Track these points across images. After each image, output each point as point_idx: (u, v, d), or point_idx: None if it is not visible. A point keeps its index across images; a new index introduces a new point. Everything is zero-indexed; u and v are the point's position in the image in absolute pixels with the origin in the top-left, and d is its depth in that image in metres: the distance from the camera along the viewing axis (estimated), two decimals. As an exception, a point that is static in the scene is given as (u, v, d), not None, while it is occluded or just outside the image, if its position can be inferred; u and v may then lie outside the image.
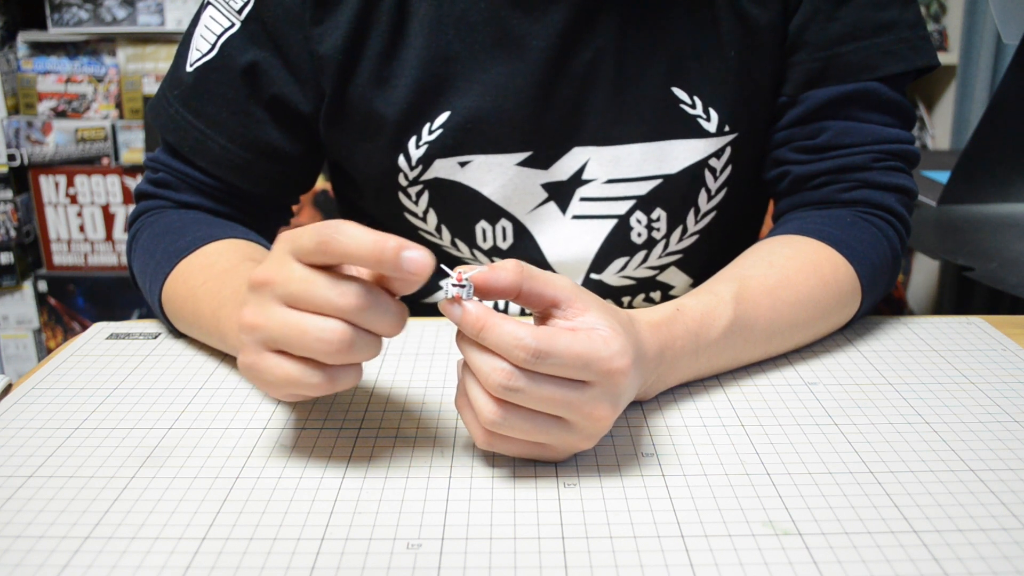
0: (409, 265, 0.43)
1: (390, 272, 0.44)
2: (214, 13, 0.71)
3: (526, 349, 0.44)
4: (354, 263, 0.44)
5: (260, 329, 0.46)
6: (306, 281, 0.45)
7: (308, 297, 0.45)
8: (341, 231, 0.44)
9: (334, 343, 0.44)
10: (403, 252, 0.43)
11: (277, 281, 0.46)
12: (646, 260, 0.79)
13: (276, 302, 0.46)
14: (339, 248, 0.44)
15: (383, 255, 0.43)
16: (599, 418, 0.47)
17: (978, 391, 0.59)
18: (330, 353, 0.45)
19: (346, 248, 0.43)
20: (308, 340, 0.45)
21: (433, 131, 0.71)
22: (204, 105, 0.72)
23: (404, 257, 0.43)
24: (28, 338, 2.16)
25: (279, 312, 0.45)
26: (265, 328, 0.46)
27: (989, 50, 2.04)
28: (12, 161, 2.03)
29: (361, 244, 0.43)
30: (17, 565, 0.42)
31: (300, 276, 0.45)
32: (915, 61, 0.71)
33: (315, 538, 0.44)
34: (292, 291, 0.45)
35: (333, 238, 0.44)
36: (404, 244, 0.43)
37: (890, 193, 0.72)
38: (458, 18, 0.69)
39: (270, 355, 0.46)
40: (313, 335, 0.44)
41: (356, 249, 0.43)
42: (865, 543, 0.43)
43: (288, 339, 0.45)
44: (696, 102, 0.72)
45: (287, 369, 0.46)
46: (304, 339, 0.45)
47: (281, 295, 0.46)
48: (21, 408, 0.58)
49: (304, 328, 0.45)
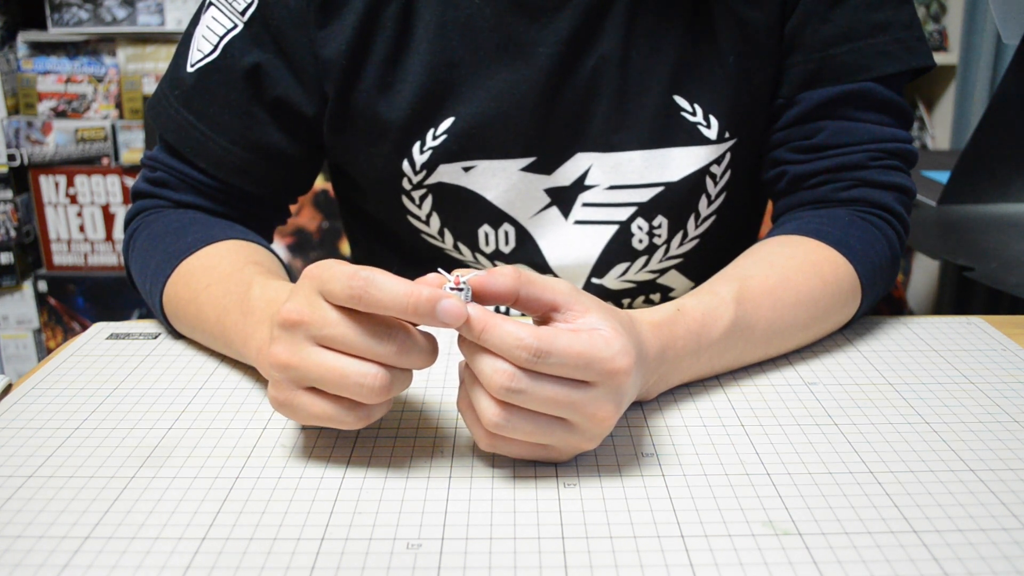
0: (445, 316, 0.44)
1: (427, 323, 0.45)
2: (216, 14, 0.71)
3: (527, 349, 0.44)
4: (389, 314, 0.45)
5: (295, 369, 0.47)
6: (344, 326, 0.45)
7: (347, 343, 0.46)
8: (375, 284, 0.44)
9: (375, 388, 0.46)
10: (439, 305, 0.44)
11: (311, 323, 0.46)
12: (647, 265, 0.79)
13: (310, 343, 0.46)
14: (372, 301, 0.44)
15: (418, 308, 0.44)
16: (602, 419, 0.47)
17: (978, 391, 0.59)
18: (370, 396, 0.46)
19: (380, 302, 0.44)
20: (348, 384, 0.46)
21: (437, 136, 0.72)
22: (205, 106, 0.71)
23: (439, 309, 0.44)
24: (28, 338, 2.16)
25: (315, 353, 0.46)
26: (301, 369, 0.46)
27: (989, 50, 2.04)
28: (12, 161, 2.03)
29: (395, 297, 0.44)
30: (17, 565, 0.42)
31: (336, 320, 0.46)
32: (910, 61, 0.71)
33: (315, 538, 0.44)
34: (329, 335, 0.46)
35: (367, 292, 0.44)
36: (437, 296, 0.44)
37: (888, 192, 0.72)
38: (463, 24, 0.69)
39: (304, 394, 0.47)
40: (353, 380, 0.45)
41: (391, 303, 0.44)
42: (865, 543, 0.43)
43: (326, 382, 0.46)
44: (697, 110, 0.72)
45: (323, 408, 0.47)
46: (344, 383, 0.46)
47: (316, 336, 0.46)
48: (21, 408, 0.58)
49: (344, 372, 0.45)
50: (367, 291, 0.44)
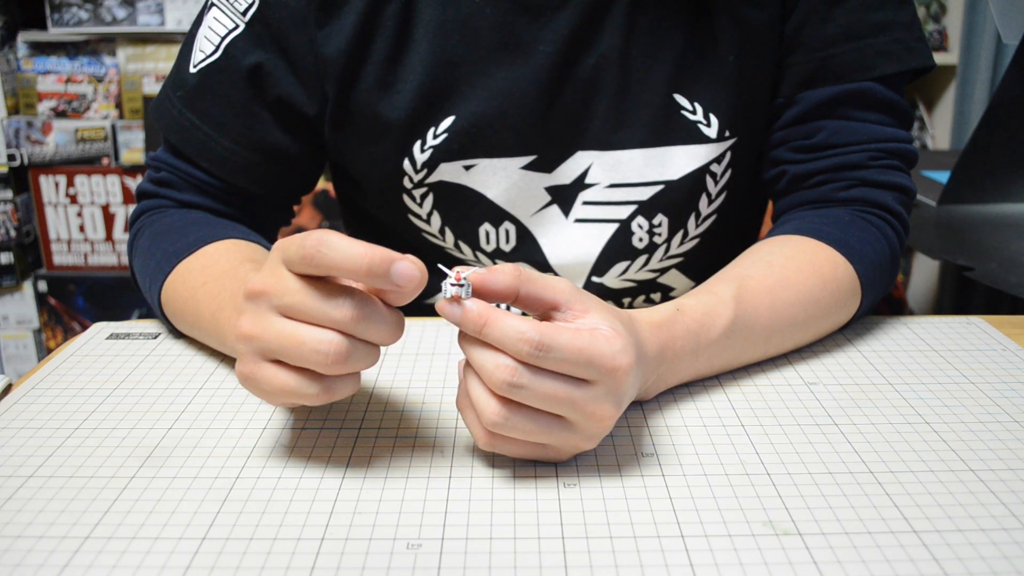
0: (399, 278, 0.44)
1: (381, 285, 0.44)
2: (218, 14, 0.71)
3: (529, 342, 0.44)
4: (342, 276, 0.44)
5: (257, 339, 0.46)
6: (301, 293, 0.45)
7: (303, 309, 0.45)
8: (326, 244, 0.43)
9: (331, 355, 0.45)
10: (393, 265, 0.43)
11: (273, 292, 0.46)
12: (647, 264, 0.79)
13: (272, 312, 0.46)
14: (325, 261, 0.44)
15: (372, 268, 0.43)
16: (601, 417, 0.47)
17: (978, 391, 0.59)
18: (327, 364, 0.45)
19: (332, 261, 0.44)
20: (305, 351, 0.45)
21: (438, 135, 0.72)
22: (208, 106, 0.72)
23: (394, 270, 0.43)
24: (28, 338, 2.16)
25: (276, 323, 0.46)
26: (262, 338, 0.46)
27: (989, 50, 2.04)
28: (12, 161, 2.03)
29: (349, 257, 0.43)
30: (17, 565, 0.42)
31: (295, 288, 0.45)
32: (909, 62, 0.71)
33: (315, 538, 0.44)
34: (288, 302, 0.45)
35: (319, 251, 0.43)
36: (392, 256, 0.43)
37: (888, 191, 0.72)
38: (463, 23, 0.70)
39: (268, 365, 0.47)
40: (310, 347, 0.45)
41: (343, 262, 0.43)
42: (865, 543, 0.43)
43: (285, 350, 0.45)
44: (697, 108, 0.73)
45: (284, 380, 0.46)
46: (301, 350, 0.45)
47: (277, 305, 0.46)
48: (21, 408, 0.58)
49: (301, 339, 0.45)
50: (319, 250, 0.43)
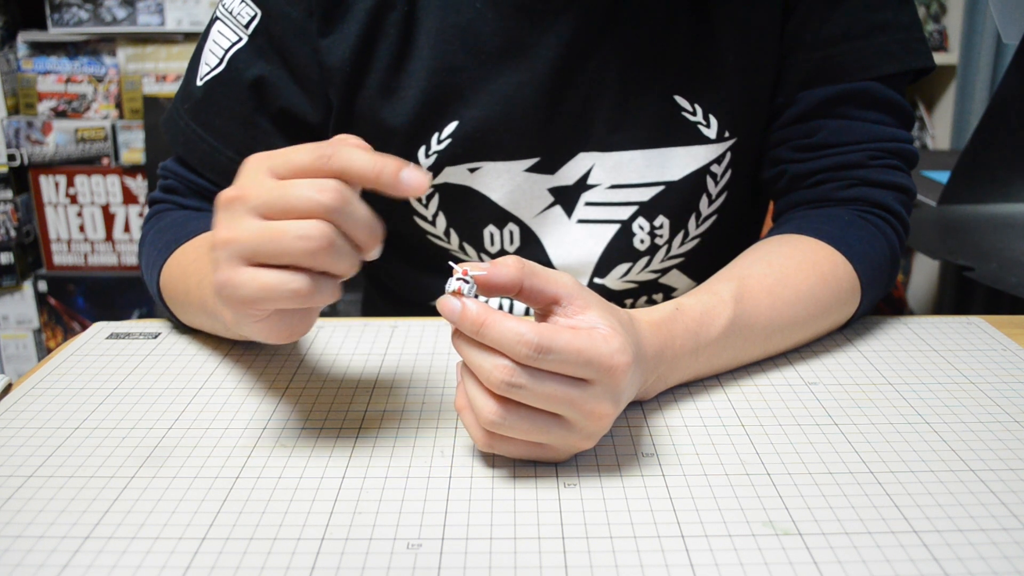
0: (409, 181, 0.45)
1: (388, 190, 0.45)
2: (222, 28, 0.72)
3: (528, 344, 0.44)
4: (353, 180, 0.45)
5: (234, 242, 0.45)
6: (282, 186, 0.44)
7: (286, 200, 0.44)
8: (344, 147, 0.44)
9: (315, 238, 0.43)
10: (403, 170, 0.45)
11: (250, 194, 0.45)
12: (648, 265, 0.79)
13: (250, 214, 0.45)
14: (339, 164, 0.44)
15: (383, 170, 0.44)
16: (600, 416, 0.47)
17: (978, 391, 0.59)
18: (312, 252, 0.44)
19: (348, 164, 0.44)
20: (288, 240, 0.43)
21: (442, 141, 0.72)
22: (213, 118, 0.72)
23: (403, 175, 0.45)
24: (28, 338, 2.16)
25: (255, 223, 0.45)
26: (240, 239, 0.44)
27: (989, 50, 2.04)
28: (12, 161, 2.03)
29: (363, 160, 0.44)
30: (17, 565, 0.42)
31: (275, 184, 0.45)
32: (910, 62, 0.71)
33: (315, 538, 0.44)
34: (268, 199, 0.44)
35: (337, 153, 0.44)
36: (403, 162, 0.45)
37: (888, 191, 0.72)
38: (464, 28, 0.70)
39: (246, 267, 0.45)
40: (294, 234, 0.43)
41: (359, 165, 0.44)
42: (865, 543, 0.43)
43: (267, 244, 0.44)
44: (697, 109, 0.73)
45: (265, 278, 0.44)
46: (284, 239, 0.44)
47: (255, 206, 0.45)
48: (21, 408, 0.58)
49: (284, 229, 0.44)
50: (338, 152, 0.44)
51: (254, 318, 0.47)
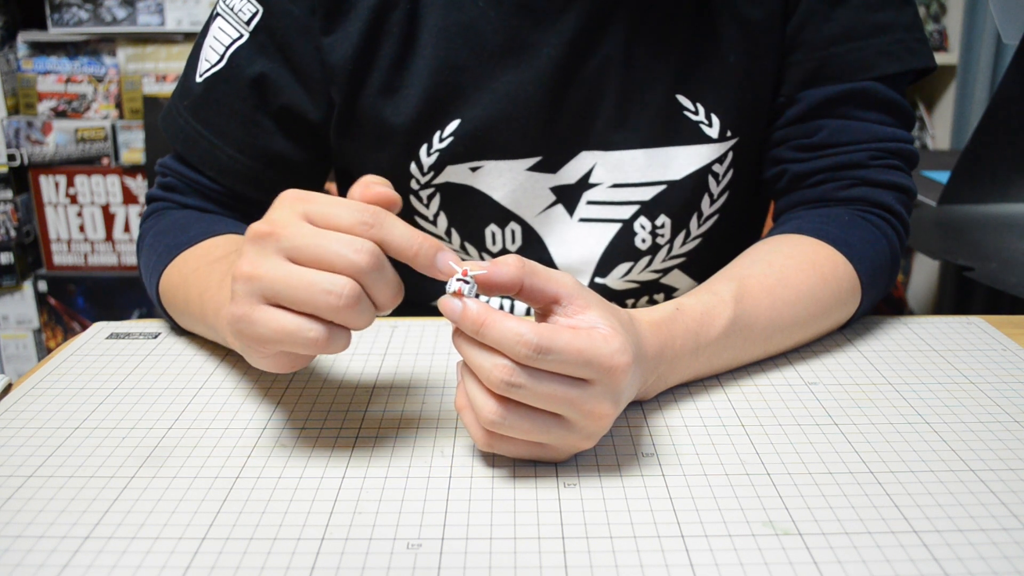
0: (443, 266, 0.46)
1: (423, 269, 0.46)
2: (223, 24, 0.72)
3: (528, 345, 0.44)
4: (390, 252, 0.45)
5: (259, 280, 0.45)
6: (319, 235, 0.44)
7: (321, 251, 0.44)
8: (387, 218, 0.45)
9: (344, 296, 0.44)
10: (438, 253, 0.45)
11: (283, 234, 0.45)
12: (650, 264, 0.79)
13: (278, 255, 0.45)
14: (380, 236, 0.44)
15: (420, 251, 0.45)
16: (599, 416, 0.47)
17: (978, 391, 0.59)
18: (337, 308, 0.44)
19: (389, 238, 0.45)
20: (315, 292, 0.44)
21: (444, 139, 0.72)
22: (212, 115, 0.72)
23: (439, 258, 0.46)
24: (28, 338, 2.16)
25: (282, 264, 0.44)
26: (265, 279, 0.44)
27: (989, 50, 2.04)
28: (12, 161, 2.03)
29: (403, 238, 0.45)
30: (17, 565, 0.42)
31: (309, 231, 0.45)
32: (911, 62, 0.71)
33: (315, 538, 0.44)
34: (300, 244, 0.44)
35: (380, 224, 0.44)
36: (438, 244, 0.46)
37: (888, 191, 0.72)
38: (467, 27, 0.70)
39: (266, 307, 0.45)
40: (322, 287, 0.43)
41: (399, 243, 0.45)
42: (865, 543, 0.43)
43: (292, 291, 0.44)
44: (699, 108, 0.73)
45: (284, 321, 0.44)
46: (311, 292, 0.44)
47: (286, 248, 0.45)
48: (21, 408, 0.58)
49: (312, 281, 0.44)
50: (384, 223, 0.45)
51: (261, 354, 0.47)
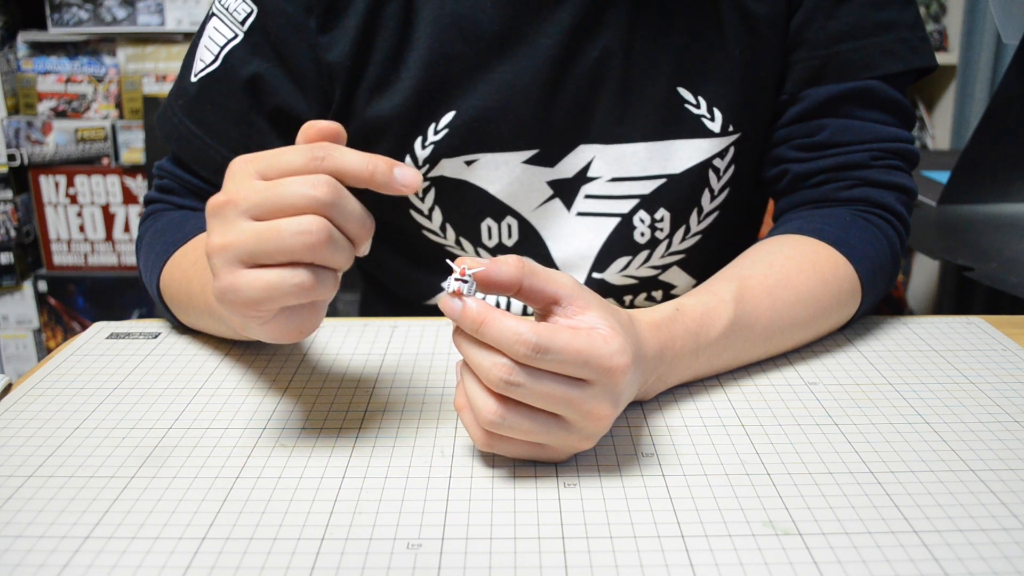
0: (403, 179, 0.46)
1: (382, 188, 0.46)
2: (218, 24, 0.72)
3: (526, 344, 0.44)
4: (347, 180, 0.45)
5: (231, 246, 0.45)
6: (274, 185, 0.44)
7: (280, 198, 0.44)
8: (336, 148, 0.45)
9: (314, 232, 0.44)
10: (395, 169, 0.46)
11: (240, 197, 0.45)
12: (648, 260, 0.79)
13: (243, 217, 0.45)
14: (333, 164, 0.44)
15: (376, 169, 0.45)
16: (599, 417, 0.47)
17: (978, 391, 0.59)
18: (311, 246, 0.44)
19: (341, 164, 0.44)
20: (286, 237, 0.44)
21: (439, 131, 0.72)
22: (207, 116, 0.72)
23: (397, 173, 0.46)
24: (28, 338, 2.16)
25: (249, 225, 0.44)
26: (236, 243, 0.44)
27: (989, 50, 2.04)
28: (12, 161, 2.03)
29: (356, 160, 0.45)
30: (17, 565, 0.42)
31: (265, 185, 0.45)
32: (913, 61, 0.71)
33: (315, 538, 0.44)
34: (259, 200, 0.44)
35: (329, 155, 0.44)
36: (392, 161, 0.46)
37: (889, 192, 0.72)
38: (462, 17, 0.69)
39: (247, 270, 0.45)
40: (291, 230, 0.44)
41: (353, 166, 0.45)
42: (865, 543, 0.43)
43: (265, 244, 0.44)
44: (701, 102, 0.72)
45: (267, 278, 0.44)
46: (282, 237, 0.44)
47: (247, 208, 0.45)
48: (21, 408, 0.58)
49: (280, 227, 0.44)
50: (330, 155, 0.44)
51: (260, 320, 0.47)
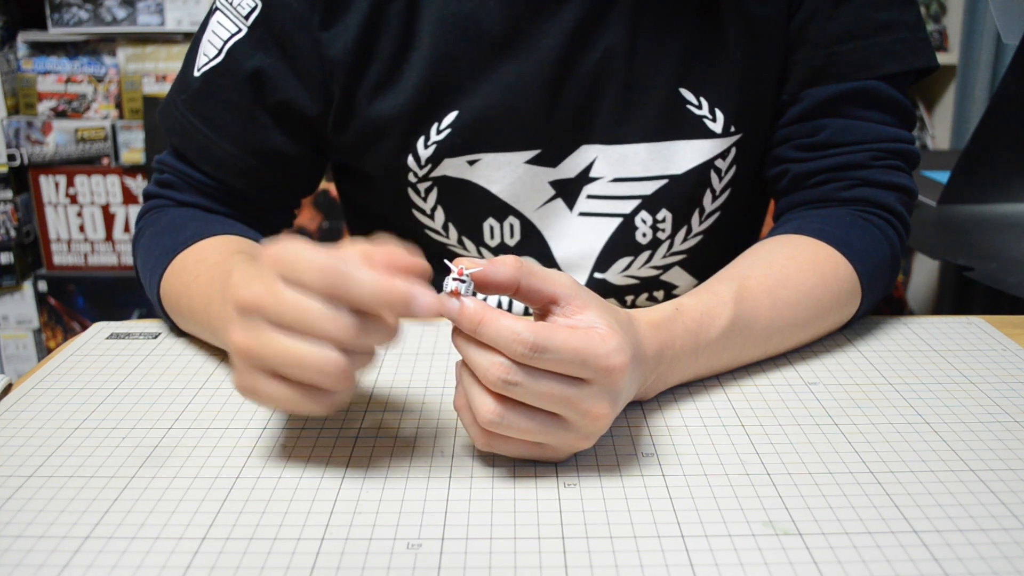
0: (419, 310, 0.44)
1: (401, 316, 0.45)
2: (221, 19, 0.72)
3: (524, 343, 0.44)
4: (364, 309, 0.45)
5: (255, 355, 0.46)
6: (300, 309, 0.45)
7: (303, 326, 0.45)
8: (353, 281, 0.44)
9: (332, 374, 0.45)
10: (413, 300, 0.44)
11: (267, 306, 0.45)
12: (650, 260, 0.79)
13: (268, 327, 0.46)
14: (348, 299, 0.44)
15: (394, 301, 0.44)
16: (597, 416, 0.47)
17: (978, 391, 0.59)
18: (329, 384, 0.45)
19: (359, 297, 0.44)
20: (306, 370, 0.45)
21: (441, 131, 0.72)
22: (210, 110, 0.72)
23: (415, 304, 0.44)
24: (28, 338, 2.16)
25: (273, 338, 0.45)
26: (260, 355, 0.46)
27: (989, 50, 2.04)
28: (12, 161, 2.03)
29: (371, 292, 0.44)
30: (17, 565, 0.42)
31: (292, 301, 0.45)
32: (914, 62, 0.71)
33: (315, 538, 0.44)
34: (285, 318, 0.45)
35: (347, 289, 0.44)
36: (411, 291, 0.44)
37: (890, 192, 0.72)
38: (466, 17, 0.69)
39: (266, 379, 0.46)
40: (311, 366, 0.44)
41: (367, 297, 0.44)
42: (865, 543, 0.43)
43: (287, 368, 0.45)
44: (703, 103, 0.72)
45: (285, 394, 0.46)
46: (302, 369, 0.45)
47: (273, 320, 0.45)
48: (21, 408, 0.58)
49: (301, 358, 0.45)
50: (347, 289, 0.44)
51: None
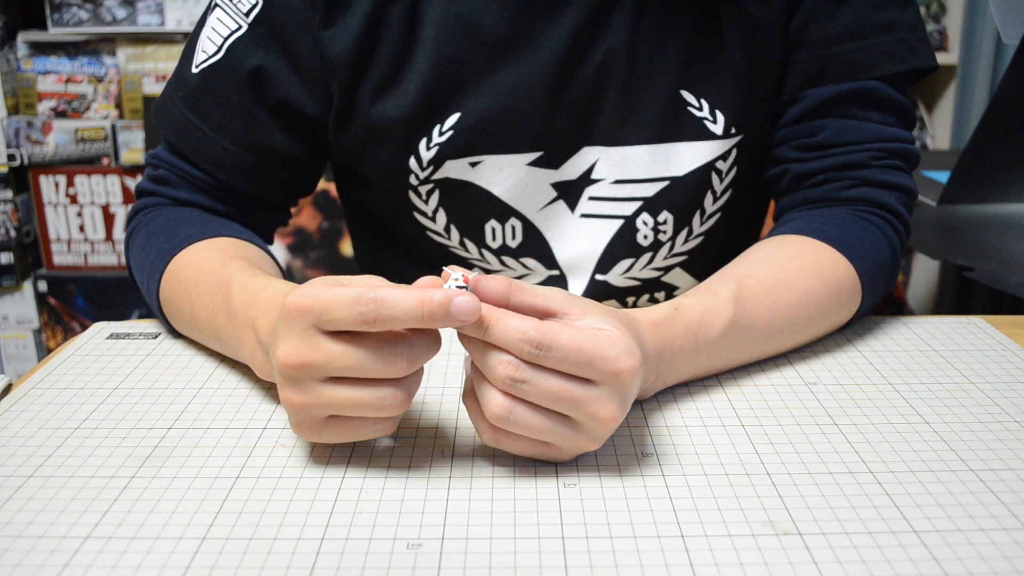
0: (460, 315, 0.45)
1: (441, 326, 0.45)
2: (221, 15, 0.71)
3: (530, 342, 0.45)
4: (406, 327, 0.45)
5: (313, 408, 0.47)
6: (348, 358, 0.45)
7: (356, 373, 0.46)
8: (385, 304, 0.44)
9: (392, 406, 0.47)
10: (452, 306, 0.44)
11: (315, 362, 0.46)
12: (651, 261, 0.79)
13: (320, 383, 0.46)
14: (386, 320, 0.44)
15: (433, 315, 0.44)
16: (605, 419, 0.47)
17: (978, 391, 0.59)
18: (392, 412, 0.47)
19: (394, 318, 0.44)
20: (370, 411, 0.47)
21: (443, 133, 0.72)
22: (209, 107, 0.72)
23: (454, 310, 0.44)
24: (28, 338, 2.16)
25: (329, 392, 0.46)
26: (318, 407, 0.47)
27: (989, 50, 2.04)
28: (12, 161, 2.03)
29: (408, 310, 0.44)
30: (17, 565, 0.42)
31: (340, 353, 0.45)
32: (913, 62, 0.71)
33: (315, 538, 0.44)
34: (338, 369, 0.46)
35: (380, 314, 0.44)
36: (449, 296, 0.44)
37: (889, 192, 0.72)
38: (468, 19, 0.69)
39: (328, 425, 0.48)
40: (374, 407, 0.46)
41: (404, 316, 0.44)
42: (865, 543, 0.43)
43: (347, 412, 0.47)
44: (703, 104, 0.72)
45: (353, 430, 0.48)
46: (365, 409, 0.47)
47: (324, 375, 0.46)
48: (21, 408, 0.58)
49: (362, 402, 0.46)
50: (380, 313, 0.44)
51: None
